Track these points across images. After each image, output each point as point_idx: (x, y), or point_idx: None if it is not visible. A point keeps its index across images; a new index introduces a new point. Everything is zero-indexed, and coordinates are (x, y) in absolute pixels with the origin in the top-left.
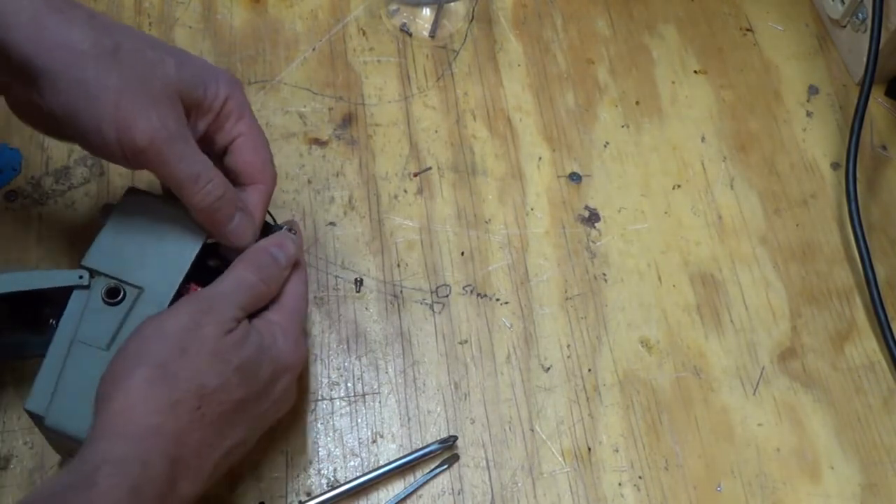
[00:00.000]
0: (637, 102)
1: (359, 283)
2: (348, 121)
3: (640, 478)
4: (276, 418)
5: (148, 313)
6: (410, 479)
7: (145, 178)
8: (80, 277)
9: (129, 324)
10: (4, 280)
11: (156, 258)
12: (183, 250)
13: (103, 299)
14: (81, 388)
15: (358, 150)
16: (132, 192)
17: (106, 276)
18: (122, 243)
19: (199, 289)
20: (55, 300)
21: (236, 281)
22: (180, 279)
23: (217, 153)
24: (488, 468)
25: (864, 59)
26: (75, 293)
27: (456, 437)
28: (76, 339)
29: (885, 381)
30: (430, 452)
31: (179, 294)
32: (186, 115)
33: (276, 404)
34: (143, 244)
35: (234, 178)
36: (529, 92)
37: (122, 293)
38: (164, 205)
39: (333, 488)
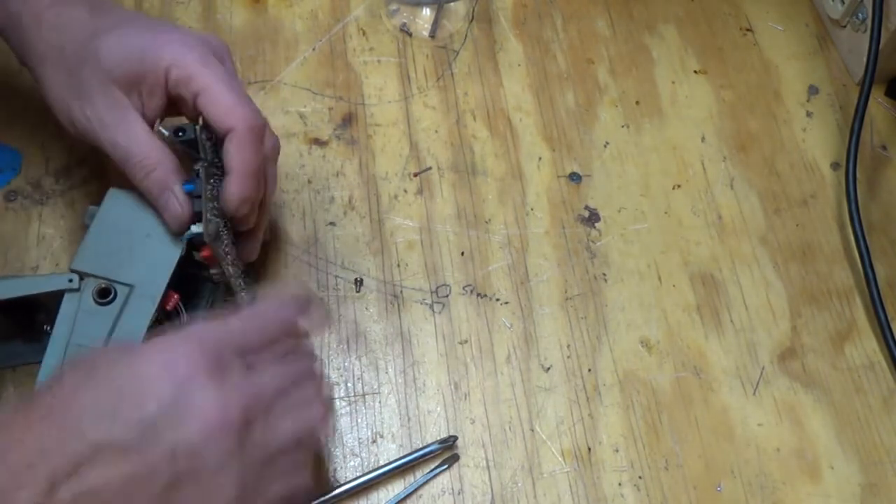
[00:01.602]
0: (637, 102)
1: (359, 283)
2: (348, 121)
3: (640, 478)
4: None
5: (140, 310)
6: (410, 479)
7: None
8: (70, 281)
9: (123, 322)
10: None
11: (143, 255)
12: (170, 245)
13: (95, 300)
14: None
15: (358, 150)
16: (114, 192)
17: (95, 277)
18: (108, 244)
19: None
20: (47, 306)
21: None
22: (169, 274)
23: (197, 119)
24: (488, 468)
25: (864, 59)
26: (66, 297)
27: (456, 437)
28: (72, 342)
29: (885, 381)
30: (430, 452)
31: (167, 290)
32: (136, 93)
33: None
34: (129, 243)
35: (220, 135)
36: (529, 92)
37: (112, 293)
38: (147, 202)
39: (334, 488)
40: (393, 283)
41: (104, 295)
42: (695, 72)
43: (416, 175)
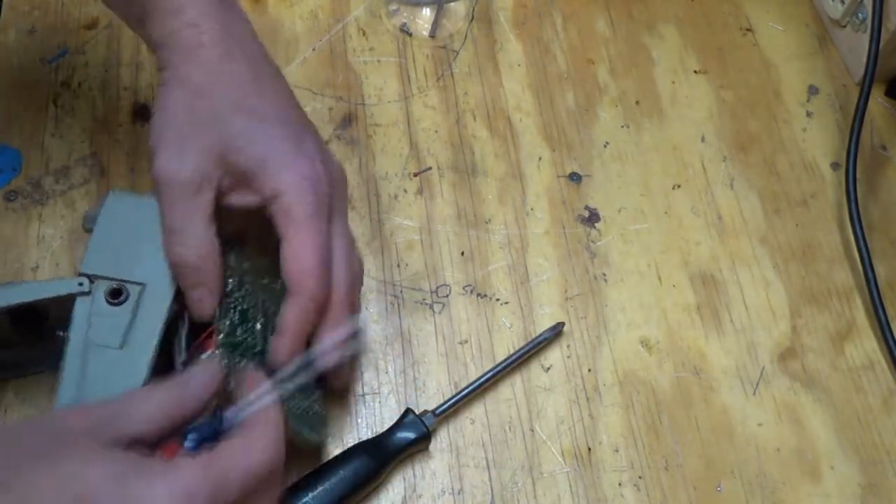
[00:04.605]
0: (637, 102)
1: None
2: (348, 121)
3: (640, 478)
4: None
5: (155, 307)
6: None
7: (144, 183)
8: (80, 284)
9: (139, 320)
10: (3, 293)
11: (151, 253)
12: None
13: (108, 301)
14: (105, 391)
15: (358, 150)
16: (115, 194)
17: (106, 278)
18: (114, 244)
19: None
20: (57, 311)
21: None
22: None
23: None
24: (488, 468)
25: (864, 59)
26: (79, 300)
27: (563, 324)
28: (90, 344)
29: (885, 381)
30: (543, 340)
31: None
32: (228, 184)
33: None
34: (135, 242)
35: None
36: (529, 92)
37: (124, 293)
38: (148, 201)
39: (459, 393)
40: (393, 283)
41: (116, 295)
42: (695, 72)
43: (416, 175)
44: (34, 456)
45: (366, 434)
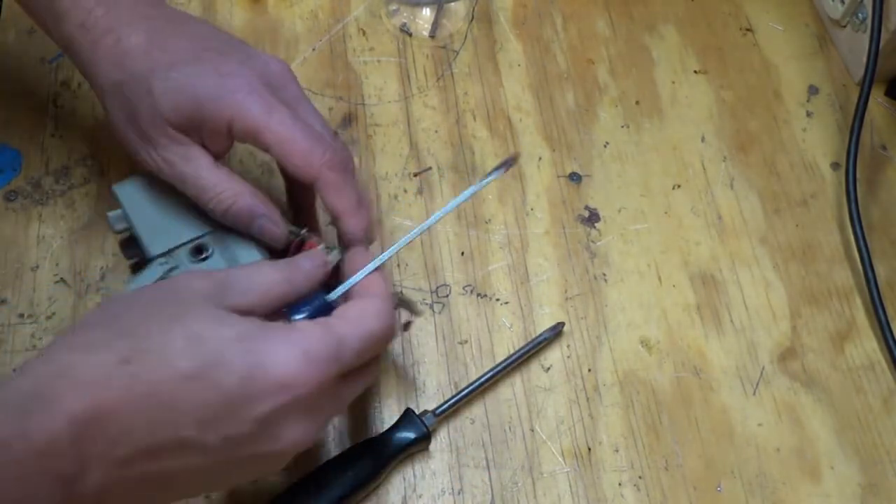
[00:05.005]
0: (637, 102)
1: None
2: (348, 121)
3: (640, 478)
4: (238, 474)
5: (241, 245)
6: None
7: None
8: (162, 264)
9: (235, 251)
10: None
11: (193, 209)
12: None
13: (195, 261)
14: None
15: (358, 150)
16: (119, 186)
17: (176, 248)
18: (155, 221)
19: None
20: None
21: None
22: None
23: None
24: (488, 468)
25: (864, 59)
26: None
27: (563, 324)
28: None
29: (885, 381)
30: (543, 341)
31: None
32: (196, 133)
33: (239, 446)
34: (172, 210)
35: (306, 182)
36: (529, 92)
37: (203, 248)
38: (145, 176)
39: (459, 393)
40: (393, 283)
41: (198, 252)
42: (695, 72)
43: (416, 175)
44: (163, 317)
45: (366, 434)
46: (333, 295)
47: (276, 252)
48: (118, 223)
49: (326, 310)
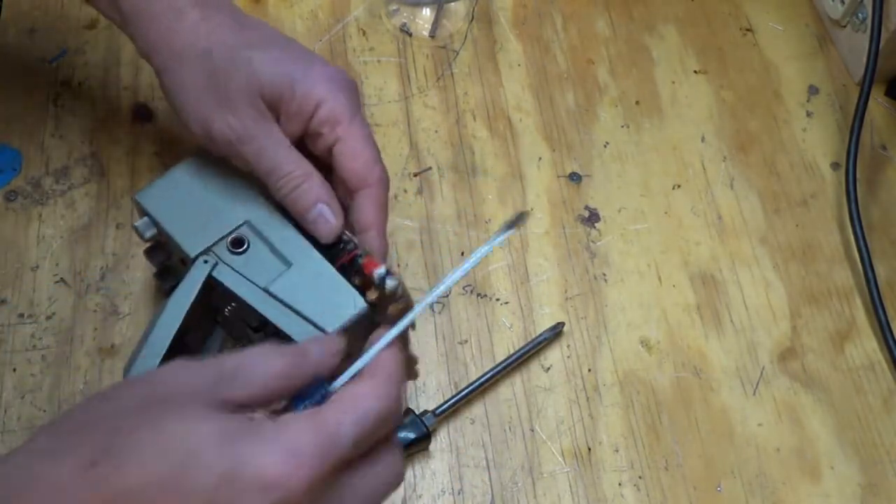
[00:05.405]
0: (637, 102)
1: None
2: None
3: (640, 478)
4: None
5: (284, 233)
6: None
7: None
8: (206, 262)
9: (278, 240)
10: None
11: (225, 201)
12: (238, 178)
13: (235, 253)
14: (315, 299)
15: None
16: (142, 193)
17: (215, 244)
18: (187, 222)
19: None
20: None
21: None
22: (262, 194)
23: (322, 160)
24: (488, 468)
25: (864, 59)
26: (218, 272)
27: (563, 324)
28: (268, 289)
29: (885, 381)
30: (543, 341)
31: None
32: (275, 113)
33: None
34: (203, 207)
35: (346, 187)
36: (529, 92)
37: (241, 240)
38: (168, 177)
39: (459, 393)
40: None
41: (238, 244)
42: (695, 72)
43: (416, 175)
44: (139, 415)
45: None
46: (338, 383)
47: (319, 245)
48: (148, 230)
49: (327, 398)
